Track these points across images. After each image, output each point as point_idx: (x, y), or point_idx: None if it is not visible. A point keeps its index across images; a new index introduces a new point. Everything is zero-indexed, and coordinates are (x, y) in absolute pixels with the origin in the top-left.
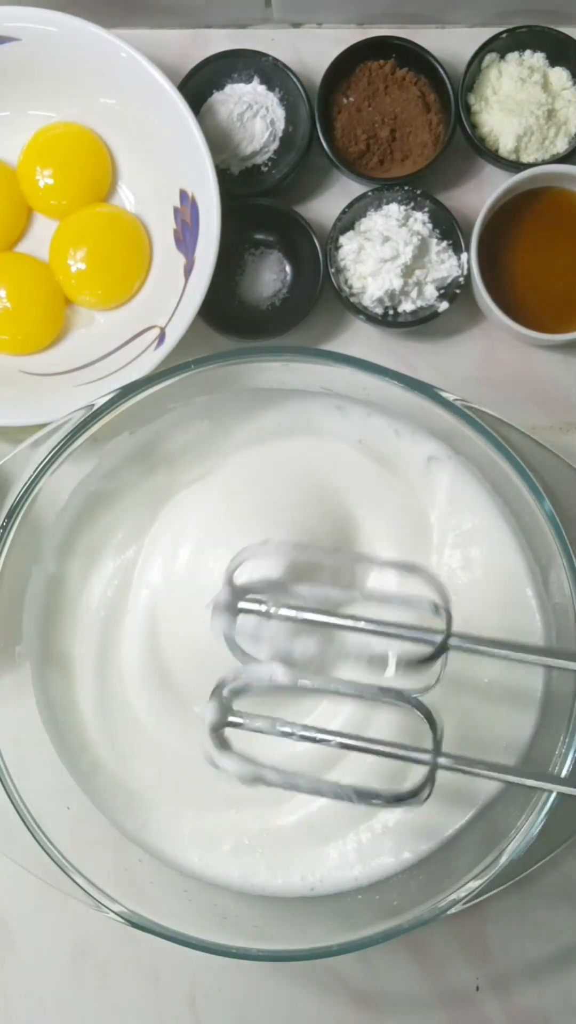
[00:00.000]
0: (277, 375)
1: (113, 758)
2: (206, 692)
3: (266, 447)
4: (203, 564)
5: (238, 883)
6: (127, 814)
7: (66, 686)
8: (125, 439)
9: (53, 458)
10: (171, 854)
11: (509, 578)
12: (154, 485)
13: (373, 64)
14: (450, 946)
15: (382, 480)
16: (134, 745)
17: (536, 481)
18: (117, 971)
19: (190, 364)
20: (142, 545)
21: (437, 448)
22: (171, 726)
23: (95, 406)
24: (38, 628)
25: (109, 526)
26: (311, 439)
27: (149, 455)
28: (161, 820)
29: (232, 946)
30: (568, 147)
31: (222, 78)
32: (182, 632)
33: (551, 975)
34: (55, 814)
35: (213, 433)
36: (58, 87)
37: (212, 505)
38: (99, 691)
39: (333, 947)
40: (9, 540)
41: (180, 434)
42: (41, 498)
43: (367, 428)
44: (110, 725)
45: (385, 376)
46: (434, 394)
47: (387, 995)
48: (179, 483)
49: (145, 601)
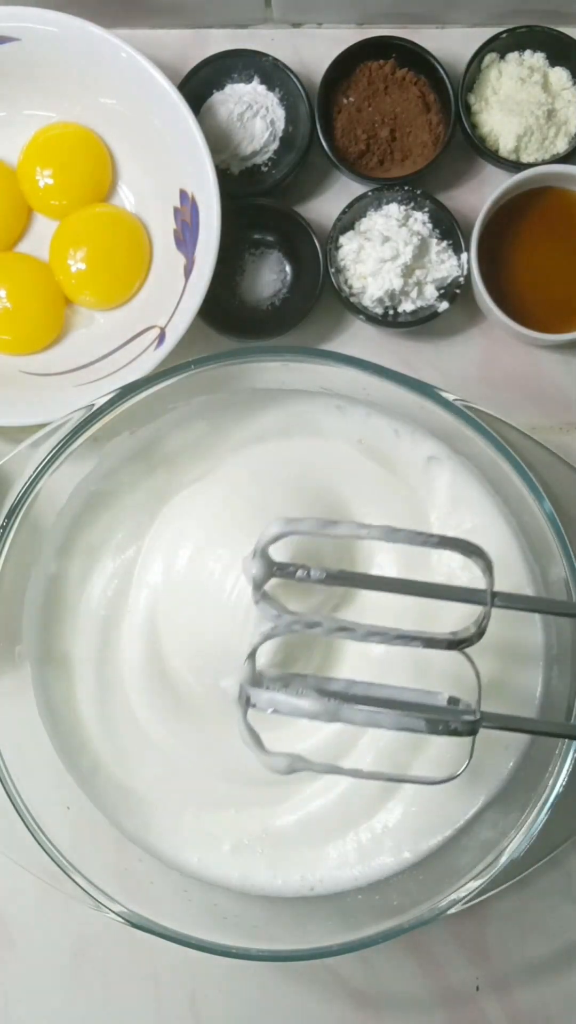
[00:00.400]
0: (277, 375)
1: (113, 758)
2: (206, 693)
3: (266, 447)
4: (203, 564)
5: (238, 883)
6: (127, 814)
7: (66, 686)
8: (125, 439)
9: (53, 458)
10: (171, 854)
11: (509, 578)
12: (154, 485)
13: (373, 64)
14: (450, 946)
15: (382, 480)
16: (134, 745)
17: (536, 481)
18: (117, 971)
19: (190, 364)
20: (142, 545)
21: (437, 448)
22: (171, 726)
23: (95, 406)
24: (38, 628)
25: (109, 526)
26: (311, 439)
27: (149, 455)
28: (161, 820)
29: (232, 946)
30: (568, 147)
31: (222, 78)
32: (182, 632)
33: (551, 975)
34: (55, 814)
35: (213, 433)
36: (58, 87)
37: (212, 505)
38: (99, 691)
39: (333, 947)
40: (9, 540)
41: (180, 434)
42: (41, 498)
43: (367, 428)
44: (110, 725)
45: (385, 376)
46: (434, 394)
47: (387, 995)
48: (179, 483)
49: (145, 601)
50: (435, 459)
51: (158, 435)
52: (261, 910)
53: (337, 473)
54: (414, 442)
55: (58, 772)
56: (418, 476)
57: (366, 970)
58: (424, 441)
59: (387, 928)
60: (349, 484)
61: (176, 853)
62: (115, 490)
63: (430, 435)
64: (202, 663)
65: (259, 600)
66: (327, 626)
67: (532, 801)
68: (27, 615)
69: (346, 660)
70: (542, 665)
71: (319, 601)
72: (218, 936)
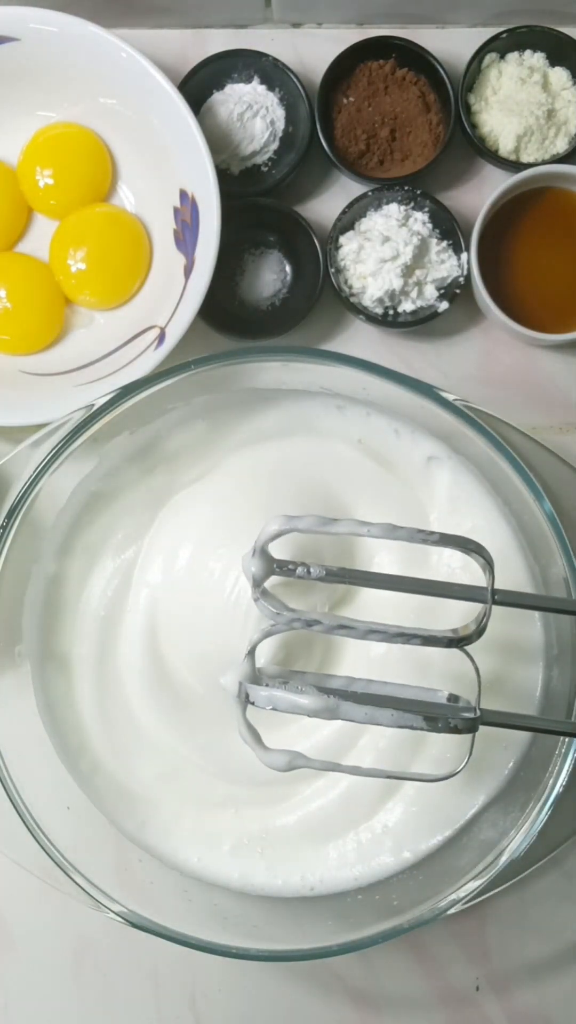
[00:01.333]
0: (277, 375)
1: (113, 758)
2: (206, 694)
3: (266, 447)
4: (203, 564)
5: (238, 883)
6: (127, 814)
7: (66, 686)
8: (125, 439)
9: (53, 458)
10: (171, 854)
11: (509, 577)
12: (154, 485)
13: (373, 64)
14: (450, 946)
15: (382, 480)
16: (134, 744)
17: (536, 481)
18: (117, 971)
19: (190, 364)
20: (142, 545)
21: (437, 448)
22: (171, 726)
23: (95, 406)
24: (38, 628)
25: (109, 526)
26: (311, 439)
27: (149, 455)
28: (161, 820)
29: (232, 946)
30: (568, 147)
31: (222, 78)
32: (182, 632)
33: (551, 975)
34: (55, 814)
35: (213, 432)
36: (58, 87)
37: (212, 506)
38: (99, 691)
39: (333, 947)
40: (9, 540)
41: (180, 434)
42: (41, 498)
43: (367, 428)
44: (110, 725)
45: (385, 376)
46: (434, 394)
47: (387, 995)
48: (179, 483)
49: (145, 601)
50: (435, 459)
51: (158, 435)
52: (261, 910)
53: (337, 473)
54: (414, 442)
55: (58, 772)
56: (418, 476)
57: (366, 970)
58: (424, 441)
59: (387, 928)
60: (349, 484)
61: (176, 853)
62: (115, 490)
63: (430, 435)
64: (202, 663)
65: (259, 598)
66: (327, 623)
67: (532, 801)
68: (27, 615)
69: (346, 659)
70: (542, 663)
71: (319, 599)
72: (218, 936)
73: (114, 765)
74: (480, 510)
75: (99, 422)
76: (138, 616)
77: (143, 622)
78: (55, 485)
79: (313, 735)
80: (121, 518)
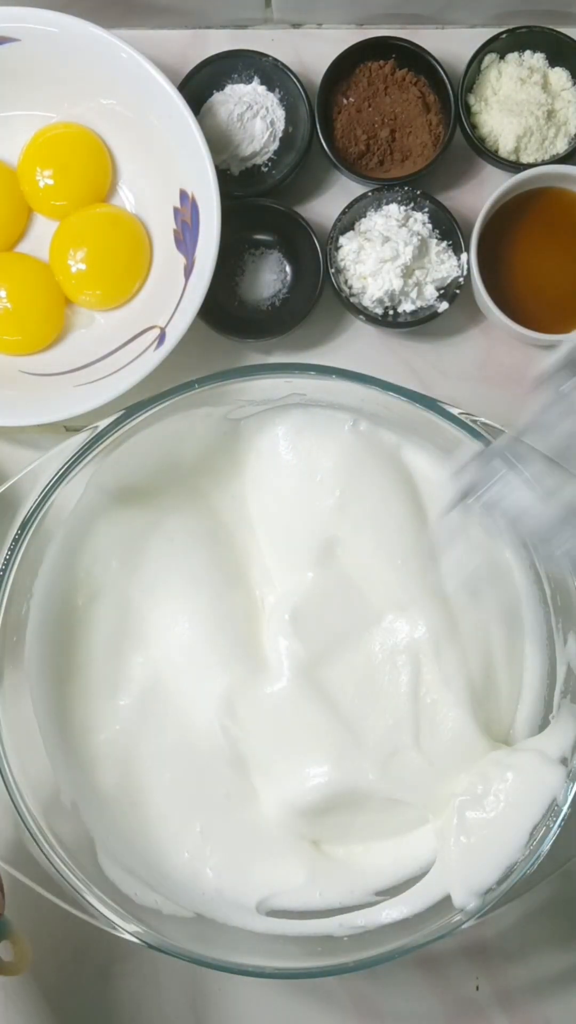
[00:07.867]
0: (277, 388)
1: (115, 767)
2: (206, 696)
3: (263, 459)
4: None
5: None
6: (128, 823)
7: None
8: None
9: (59, 481)
10: (179, 865)
11: (509, 578)
12: (139, 512)
13: (373, 64)
14: (454, 954)
15: (382, 479)
16: (137, 754)
17: None
18: (117, 972)
19: (193, 384)
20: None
21: (440, 457)
22: (173, 734)
23: (99, 428)
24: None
25: (105, 550)
26: (309, 446)
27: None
28: (164, 829)
29: (246, 964)
30: (568, 147)
31: (222, 78)
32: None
33: (556, 984)
34: (55, 814)
35: (209, 452)
36: (58, 87)
37: (195, 558)
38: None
39: (349, 964)
40: (16, 563)
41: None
42: (51, 513)
43: (368, 437)
44: (112, 736)
45: (391, 391)
46: (440, 409)
47: (391, 1006)
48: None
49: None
50: (438, 466)
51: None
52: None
53: (336, 481)
54: (416, 452)
55: (58, 776)
56: (422, 485)
57: (370, 980)
58: (427, 450)
59: (398, 946)
60: (349, 489)
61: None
62: (96, 521)
63: (433, 445)
64: (200, 670)
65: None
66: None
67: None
68: (31, 630)
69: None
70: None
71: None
72: (229, 955)
73: (117, 775)
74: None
75: (102, 444)
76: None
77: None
78: (63, 500)
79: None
80: (111, 549)
